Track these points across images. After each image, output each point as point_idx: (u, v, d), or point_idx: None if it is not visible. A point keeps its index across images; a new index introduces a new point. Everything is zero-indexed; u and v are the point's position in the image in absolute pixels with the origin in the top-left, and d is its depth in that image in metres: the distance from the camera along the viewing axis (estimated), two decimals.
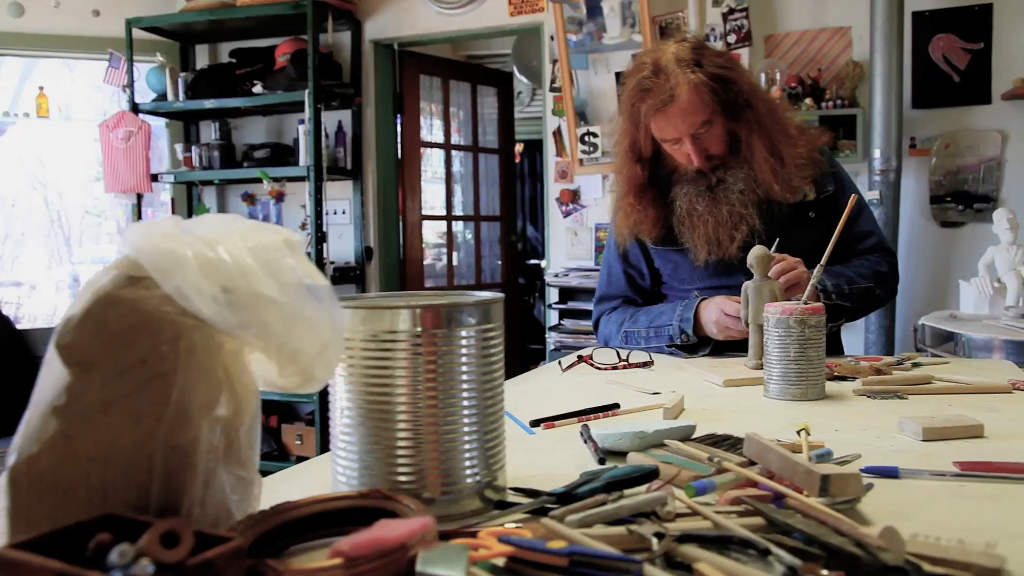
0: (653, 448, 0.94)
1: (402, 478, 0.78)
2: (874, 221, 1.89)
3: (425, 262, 4.71)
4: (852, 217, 1.85)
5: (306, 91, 3.66)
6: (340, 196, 4.13)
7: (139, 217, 3.97)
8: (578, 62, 3.67)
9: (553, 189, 3.79)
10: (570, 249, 3.76)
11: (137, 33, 4.00)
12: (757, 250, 1.47)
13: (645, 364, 1.61)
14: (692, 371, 1.53)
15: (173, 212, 4.32)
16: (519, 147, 6.49)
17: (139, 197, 3.95)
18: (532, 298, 6.21)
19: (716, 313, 1.63)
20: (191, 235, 0.61)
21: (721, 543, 0.63)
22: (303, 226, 3.93)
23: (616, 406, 1.22)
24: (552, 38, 3.68)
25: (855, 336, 3.36)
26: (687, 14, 3.42)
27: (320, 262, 3.72)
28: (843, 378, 1.43)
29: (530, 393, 1.43)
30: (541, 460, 0.98)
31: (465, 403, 0.80)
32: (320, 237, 3.72)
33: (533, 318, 6.06)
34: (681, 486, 0.77)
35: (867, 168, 3.17)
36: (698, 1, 3.37)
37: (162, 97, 4.00)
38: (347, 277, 4.03)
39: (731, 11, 3.30)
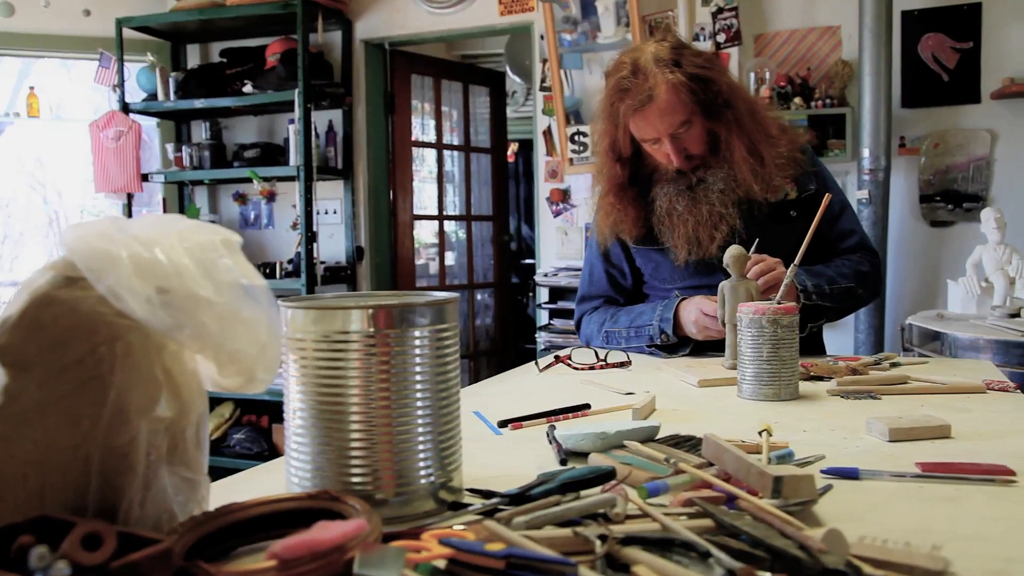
0: (615, 449, 0.94)
1: (355, 479, 0.78)
2: (856, 220, 1.89)
3: (419, 262, 4.71)
4: (834, 216, 1.84)
5: (296, 91, 3.65)
6: (331, 196, 4.13)
7: (130, 216, 3.96)
8: (572, 62, 3.66)
9: (543, 189, 3.78)
10: (560, 249, 3.75)
11: (128, 33, 4.00)
12: (733, 250, 1.47)
13: (623, 364, 1.61)
14: (669, 371, 1.52)
15: (165, 212, 4.32)
16: (514, 147, 6.48)
17: (129, 197, 3.94)
18: (526, 298, 6.20)
19: (695, 313, 1.62)
20: (127, 235, 0.60)
21: (664, 545, 0.62)
22: (294, 226, 3.92)
23: (587, 406, 1.21)
24: (542, 37, 3.67)
25: (844, 336, 3.36)
26: (677, 13, 3.41)
27: (310, 262, 3.72)
28: (819, 378, 1.43)
29: (505, 393, 1.42)
30: (504, 461, 0.98)
31: (419, 404, 0.80)
32: (310, 237, 3.72)
33: (528, 318, 6.05)
34: (635, 487, 0.77)
35: (856, 167, 3.17)
36: (688, 0, 3.37)
37: (152, 97, 4.00)
38: (338, 277, 4.02)
39: (720, 10, 3.29)
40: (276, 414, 4.11)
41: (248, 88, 3.85)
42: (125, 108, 3.91)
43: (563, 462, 0.94)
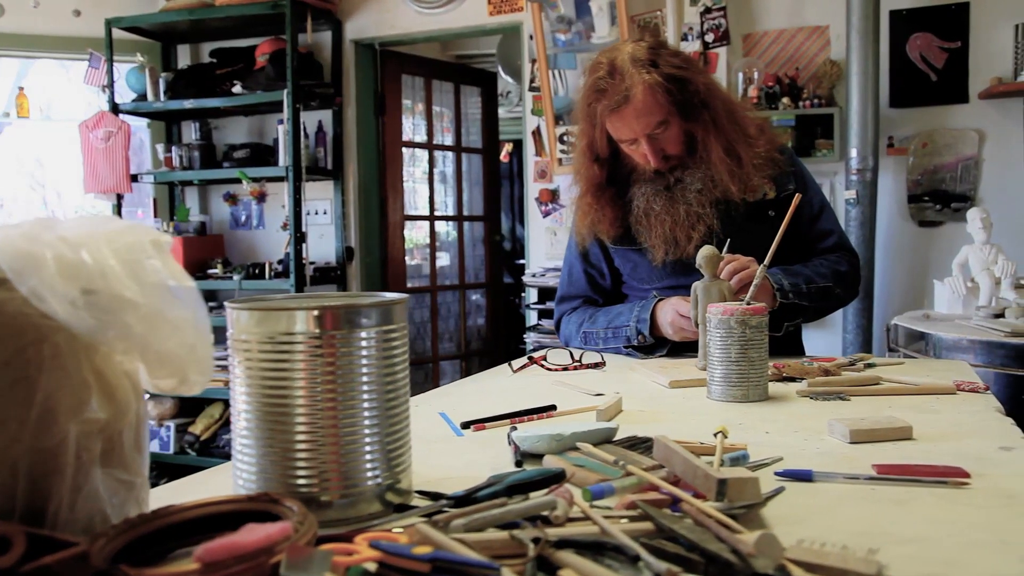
0: (571, 451, 0.93)
1: (300, 481, 0.77)
2: (835, 221, 1.88)
3: (413, 262, 4.71)
4: (813, 216, 1.84)
5: (284, 91, 3.65)
6: (321, 196, 4.12)
7: (119, 217, 3.96)
8: (566, 62, 3.66)
9: (532, 189, 3.78)
10: (549, 249, 3.75)
11: (120, 34, 3.99)
12: (706, 250, 1.46)
13: (597, 365, 1.60)
14: (643, 372, 1.52)
15: (155, 213, 4.31)
16: (508, 147, 6.47)
17: (119, 197, 3.94)
18: (519, 298, 6.19)
19: (671, 314, 1.62)
20: (54, 236, 0.60)
21: (597, 549, 0.62)
22: (285, 226, 3.92)
23: (553, 407, 1.21)
24: (531, 37, 3.66)
25: (832, 336, 3.35)
26: (665, 13, 3.40)
27: (299, 262, 3.71)
28: (791, 379, 1.42)
29: (477, 394, 1.42)
30: (462, 462, 0.97)
31: (366, 406, 0.79)
32: (299, 237, 3.71)
33: (521, 317, 6.04)
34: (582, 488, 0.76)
35: (844, 167, 3.16)
36: (676, 0, 3.36)
37: (142, 97, 3.99)
38: (328, 277, 4.02)
39: (707, 10, 3.28)
40: None
41: (237, 88, 3.84)
42: (115, 108, 3.91)
43: (519, 464, 0.94)
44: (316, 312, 0.77)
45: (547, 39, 3.67)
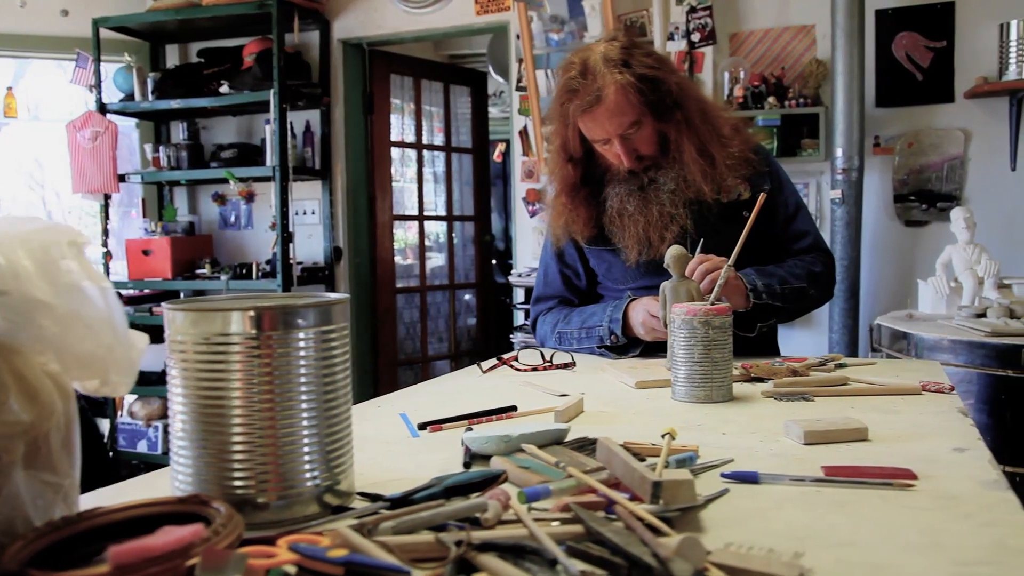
0: (520, 452, 0.93)
1: (236, 483, 0.77)
2: (811, 221, 1.87)
3: (404, 262, 4.70)
4: (788, 217, 1.83)
5: (271, 91, 3.64)
6: (309, 196, 4.11)
7: (107, 217, 3.95)
8: (559, 61, 3.64)
9: (520, 189, 3.77)
10: (536, 249, 3.74)
11: (109, 34, 3.99)
12: (674, 250, 1.46)
13: (567, 365, 1.59)
14: (612, 372, 1.51)
15: (144, 213, 4.31)
16: (501, 147, 6.46)
17: (107, 197, 3.93)
18: (510, 298, 6.18)
19: (642, 314, 1.61)
20: None
21: (518, 552, 0.61)
22: (273, 226, 3.91)
23: (513, 408, 1.20)
24: (518, 37, 3.66)
25: (819, 336, 3.35)
26: (652, 12, 3.40)
27: (286, 262, 3.70)
28: (760, 380, 1.41)
29: (443, 394, 1.41)
30: (414, 463, 0.96)
31: (304, 407, 0.79)
32: (286, 237, 3.70)
33: (512, 317, 6.03)
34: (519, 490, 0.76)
35: (830, 167, 3.15)
36: None
37: (129, 97, 3.98)
38: (315, 277, 4.01)
39: (693, 9, 3.27)
40: None
41: (225, 88, 3.83)
42: (102, 108, 3.90)
43: (467, 465, 0.93)
44: (252, 313, 0.77)
45: (540, 39, 3.66)
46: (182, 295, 4.03)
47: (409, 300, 4.61)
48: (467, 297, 5.05)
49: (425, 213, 4.69)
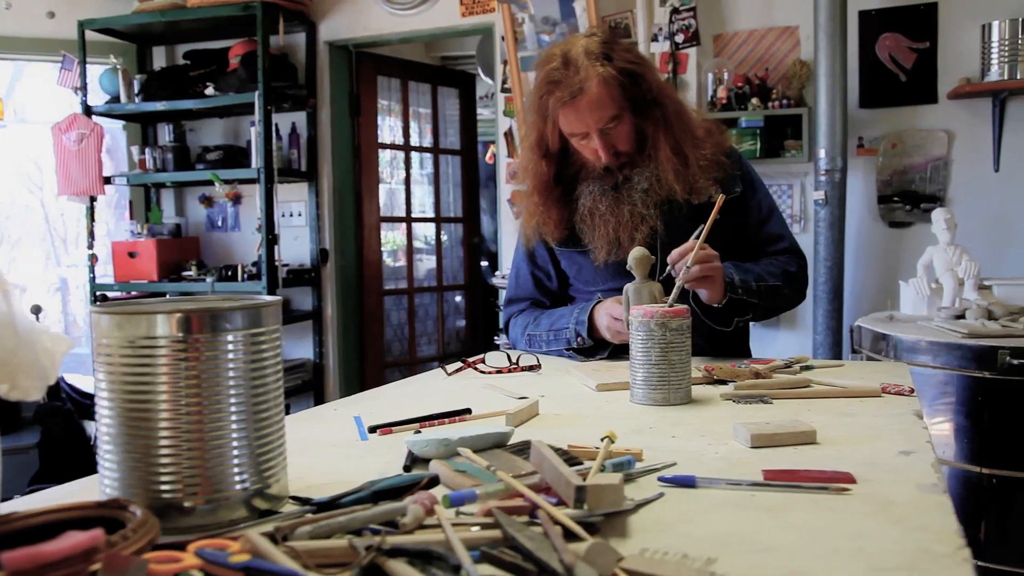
0: (458, 456, 0.92)
1: (163, 487, 0.76)
2: (785, 225, 1.86)
3: (397, 264, 4.69)
4: (762, 219, 1.82)
5: (256, 93, 3.64)
6: (296, 198, 4.11)
7: (93, 219, 3.95)
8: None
9: (505, 190, 3.76)
10: None
11: (96, 36, 3.98)
12: (637, 252, 1.45)
13: (532, 367, 1.59)
14: (576, 375, 1.50)
15: (131, 215, 4.30)
16: (493, 148, 6.45)
17: (92, 200, 3.92)
18: (498, 299, 6.18)
19: (607, 317, 1.61)
20: None
21: (426, 557, 0.60)
22: (259, 228, 3.90)
23: (467, 411, 1.19)
24: (503, 38, 3.65)
25: (803, 337, 3.34)
26: (636, 13, 3.39)
27: (271, 264, 3.69)
28: (722, 382, 1.40)
29: (405, 397, 1.40)
30: (357, 467, 0.96)
31: (233, 410, 0.78)
32: (271, 239, 3.69)
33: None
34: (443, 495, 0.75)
35: (813, 168, 3.14)
36: (646, 0, 3.35)
37: (115, 99, 3.98)
38: (301, 279, 4.00)
39: (676, 10, 3.27)
40: None
41: (210, 90, 3.83)
42: (87, 111, 3.90)
43: (407, 468, 0.93)
44: (178, 316, 0.76)
45: (531, 40, 3.65)
46: (168, 297, 4.02)
47: (397, 302, 4.60)
48: (458, 299, 5.04)
49: (413, 215, 4.68)
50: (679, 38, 3.31)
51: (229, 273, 3.83)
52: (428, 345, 4.78)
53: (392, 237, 4.74)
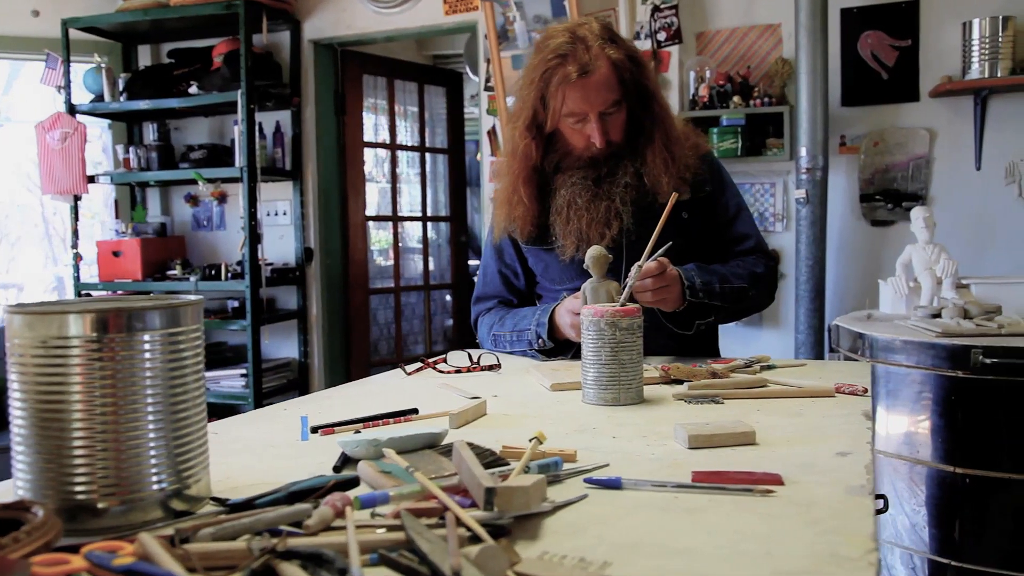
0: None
1: (77, 488, 0.75)
2: (753, 224, 1.85)
3: (384, 263, 4.68)
4: (730, 218, 1.81)
5: (239, 91, 3.63)
6: (281, 197, 4.10)
7: (77, 218, 3.94)
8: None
9: (488, 189, 3.75)
10: None
11: (82, 35, 3.97)
12: (593, 251, 1.44)
13: (492, 367, 1.58)
14: (535, 374, 1.50)
15: (117, 214, 4.29)
16: None
17: (76, 198, 3.91)
18: None
19: (568, 316, 1.59)
20: None
21: (316, 559, 0.60)
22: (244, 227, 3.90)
23: (415, 411, 1.19)
24: (487, 37, 3.64)
25: (785, 337, 3.33)
26: (619, 11, 3.38)
27: (254, 263, 3.69)
28: (679, 381, 1.40)
29: (359, 397, 1.40)
30: (289, 467, 0.95)
31: (150, 411, 0.77)
32: (254, 238, 3.69)
33: None
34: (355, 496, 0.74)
35: (795, 166, 3.13)
36: None
37: (99, 98, 3.97)
38: (286, 278, 3.99)
39: (657, 8, 3.26)
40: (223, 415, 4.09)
41: (194, 89, 3.82)
42: (71, 109, 3.89)
43: (337, 469, 0.92)
44: (92, 316, 0.75)
45: (523, 39, 3.64)
46: (93, 297, 4.02)
47: (384, 301, 4.60)
48: (448, 298, 5.03)
49: (400, 214, 4.68)
50: (661, 36, 3.30)
51: (213, 272, 3.82)
52: (415, 344, 4.77)
53: (382, 236, 4.74)
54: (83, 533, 0.73)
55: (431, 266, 4.86)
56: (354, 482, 0.81)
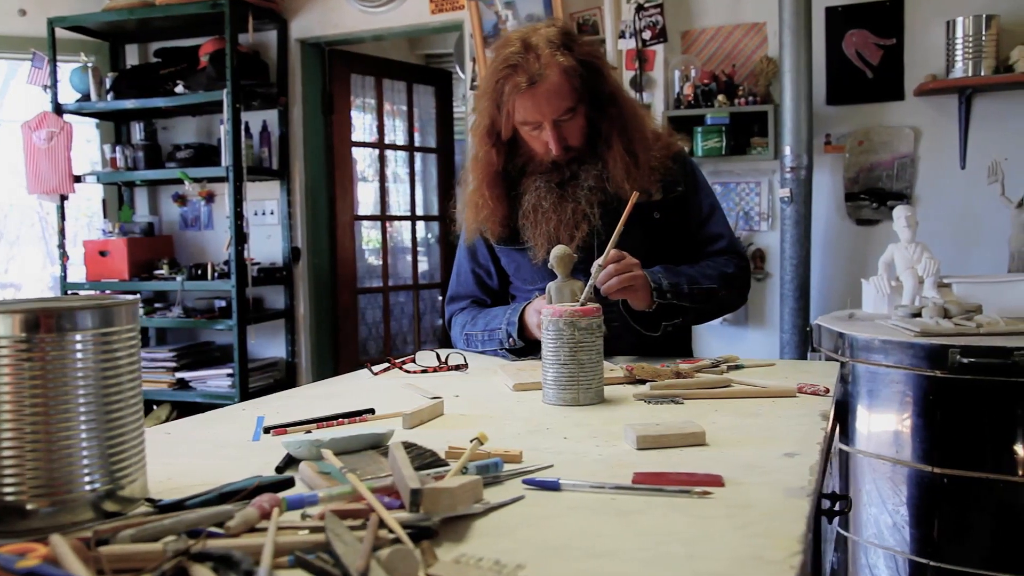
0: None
1: (6, 489, 0.75)
2: (726, 224, 1.84)
3: (374, 262, 4.67)
4: (702, 219, 1.80)
5: (224, 90, 3.62)
6: (268, 196, 4.09)
7: (63, 218, 3.94)
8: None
9: None
10: None
11: (69, 34, 3.96)
12: (558, 250, 1.43)
13: (459, 367, 1.57)
14: (501, 374, 1.49)
15: (105, 214, 4.29)
16: None
17: (63, 198, 3.91)
18: None
19: (536, 316, 1.59)
20: None
21: (227, 562, 0.59)
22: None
23: (371, 411, 1.18)
24: (472, 35, 3.64)
25: (770, 337, 3.32)
26: (604, 9, 3.37)
27: (240, 262, 3.68)
28: (643, 381, 1.39)
29: (321, 397, 1.39)
30: (231, 468, 0.94)
31: (82, 411, 0.77)
32: (240, 238, 3.68)
33: None
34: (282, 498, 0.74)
35: (779, 165, 3.13)
36: None
37: (86, 97, 3.96)
38: (273, 278, 3.99)
39: (641, 7, 3.25)
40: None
41: (180, 88, 3.82)
42: (58, 109, 3.88)
43: (279, 469, 0.92)
44: (21, 316, 0.75)
45: None
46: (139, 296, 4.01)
47: (373, 300, 4.59)
48: (438, 297, 5.03)
49: (389, 213, 4.67)
50: (646, 35, 3.30)
51: (199, 272, 3.82)
52: (404, 344, 4.76)
53: (371, 235, 4.73)
54: (11, 535, 0.73)
55: (420, 266, 4.85)
56: (290, 483, 0.81)
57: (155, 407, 4.09)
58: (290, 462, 0.93)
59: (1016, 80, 2.86)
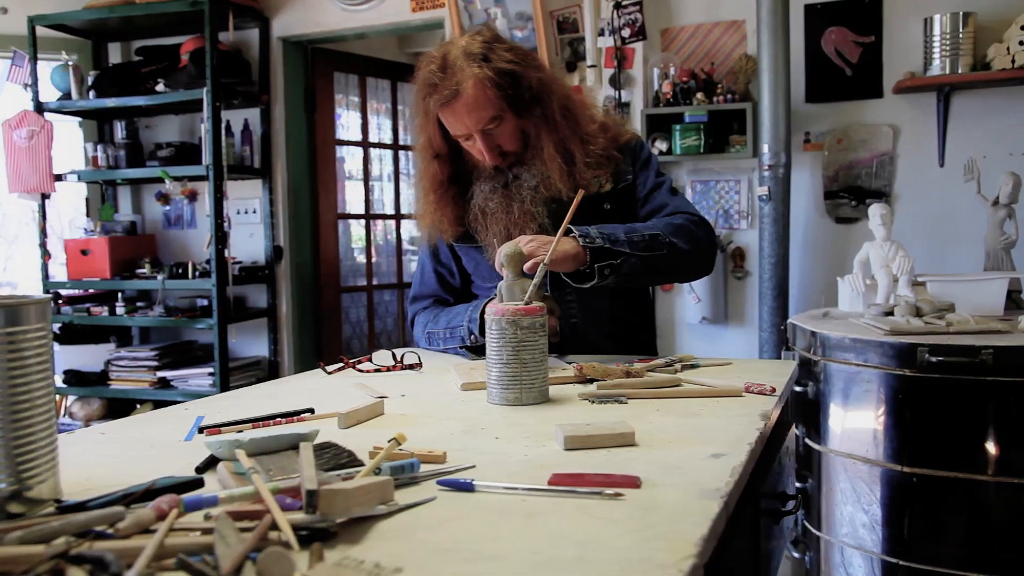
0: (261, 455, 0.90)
1: None
2: (677, 197, 1.71)
3: (359, 261, 4.66)
4: (648, 192, 1.75)
5: (204, 89, 3.61)
6: (250, 195, 4.08)
7: (44, 217, 3.93)
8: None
9: None
10: None
11: (51, 32, 3.96)
12: (507, 248, 1.43)
13: (413, 366, 1.57)
14: (454, 373, 1.48)
15: (88, 212, 4.28)
16: None
17: (44, 197, 3.90)
18: None
19: None
20: None
21: (100, 564, 0.59)
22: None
23: (310, 411, 1.18)
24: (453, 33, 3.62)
25: (750, 335, 3.32)
26: (583, 7, 3.36)
27: (221, 261, 3.67)
28: (593, 380, 1.38)
29: (268, 397, 1.38)
30: (153, 468, 0.93)
31: None
32: (220, 237, 3.67)
33: None
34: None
35: (758, 163, 3.12)
36: None
37: (67, 96, 3.95)
38: (255, 277, 3.98)
39: (619, 5, 3.24)
40: None
41: (161, 87, 3.81)
42: (39, 107, 3.88)
43: (199, 469, 0.91)
44: None
45: (504, 36, 3.61)
46: (120, 295, 4.00)
47: (356, 299, 4.58)
48: None
49: (373, 211, 4.66)
50: (625, 32, 3.29)
51: (180, 271, 3.81)
52: (389, 343, 4.76)
53: (355, 234, 4.72)
54: None
55: (405, 264, 4.85)
56: (199, 483, 0.80)
57: (137, 406, 4.09)
58: (212, 462, 0.93)
59: (993, 78, 2.85)
